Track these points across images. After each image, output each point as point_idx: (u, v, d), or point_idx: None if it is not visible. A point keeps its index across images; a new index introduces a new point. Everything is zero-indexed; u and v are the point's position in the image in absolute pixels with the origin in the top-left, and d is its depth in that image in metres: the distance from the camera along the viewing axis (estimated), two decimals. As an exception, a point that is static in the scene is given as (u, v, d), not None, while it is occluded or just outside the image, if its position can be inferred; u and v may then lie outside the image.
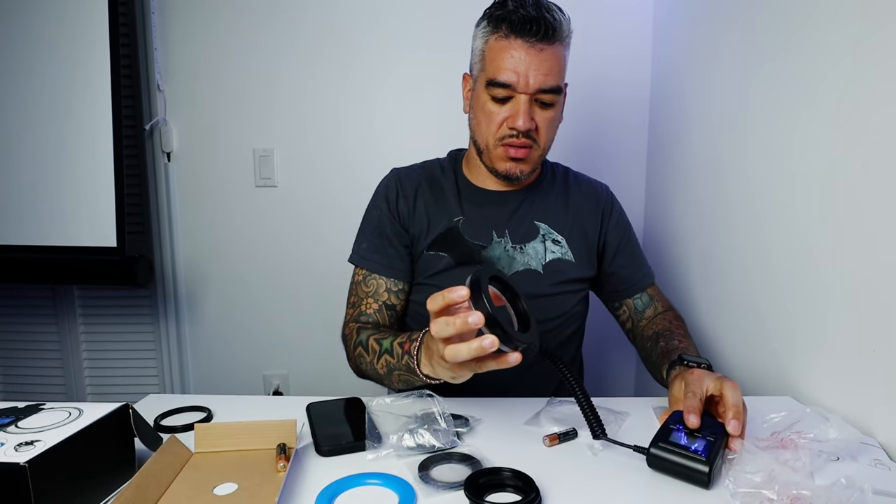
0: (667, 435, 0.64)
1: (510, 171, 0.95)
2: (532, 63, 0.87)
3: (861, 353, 0.76)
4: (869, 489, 0.53)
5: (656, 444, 0.63)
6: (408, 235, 1.01)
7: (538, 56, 0.87)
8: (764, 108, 1.01)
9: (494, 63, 0.90)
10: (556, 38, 0.88)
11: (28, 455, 0.49)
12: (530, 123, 0.90)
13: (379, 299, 0.99)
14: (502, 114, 0.91)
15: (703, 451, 0.61)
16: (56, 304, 1.87)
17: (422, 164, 1.09)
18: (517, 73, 0.88)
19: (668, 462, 0.62)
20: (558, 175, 1.09)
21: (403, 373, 0.78)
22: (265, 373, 1.87)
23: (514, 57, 0.88)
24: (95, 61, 1.54)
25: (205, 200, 1.79)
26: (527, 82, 0.88)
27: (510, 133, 0.92)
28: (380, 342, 0.85)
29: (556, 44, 0.89)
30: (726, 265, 1.16)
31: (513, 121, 0.90)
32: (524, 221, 1.02)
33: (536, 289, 0.99)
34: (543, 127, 0.93)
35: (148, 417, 0.69)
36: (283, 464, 0.61)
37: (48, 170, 1.58)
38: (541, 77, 0.88)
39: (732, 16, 1.14)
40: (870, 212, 0.74)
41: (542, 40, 0.87)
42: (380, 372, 0.85)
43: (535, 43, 0.87)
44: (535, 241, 1.01)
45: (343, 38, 1.69)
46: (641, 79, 1.66)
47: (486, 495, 0.58)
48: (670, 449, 0.62)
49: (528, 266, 1.00)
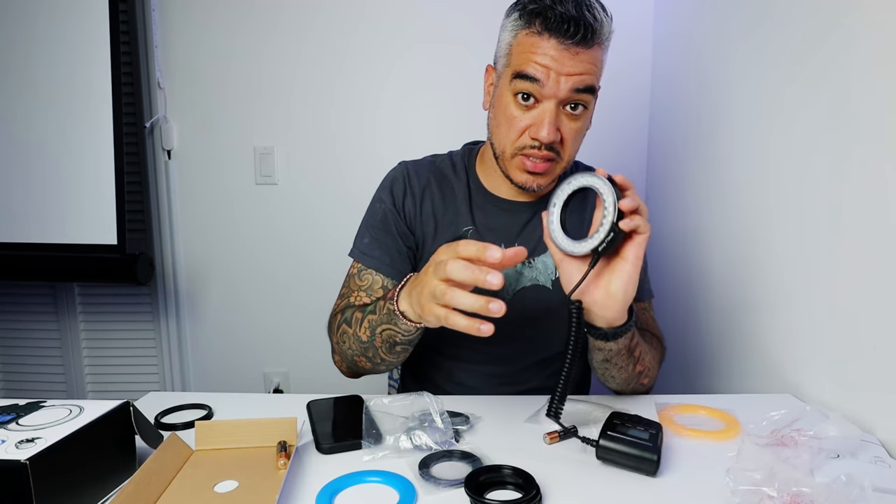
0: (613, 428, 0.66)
1: (526, 183, 0.86)
2: (565, 66, 0.77)
3: (861, 351, 0.76)
4: (869, 486, 0.53)
5: (605, 436, 0.64)
6: (413, 237, 0.96)
7: (572, 59, 0.77)
8: (764, 107, 1.01)
9: (522, 56, 0.80)
10: (594, 41, 0.78)
11: (29, 452, 0.49)
12: (555, 135, 0.80)
13: (372, 295, 0.93)
14: (525, 120, 0.82)
15: (650, 440, 0.63)
16: (56, 302, 1.87)
17: (432, 158, 1.02)
18: (547, 70, 0.77)
19: (618, 453, 0.63)
20: None
21: (385, 325, 0.76)
22: (265, 370, 1.88)
23: (546, 55, 0.77)
24: (96, 59, 1.54)
25: (205, 198, 1.79)
26: (556, 85, 0.78)
27: (532, 144, 0.82)
28: (363, 309, 0.82)
29: (594, 47, 0.78)
30: (726, 264, 1.16)
31: (536, 130, 0.80)
32: (534, 234, 0.95)
33: (544, 305, 0.94)
34: (570, 138, 0.83)
35: (148, 415, 0.69)
36: (284, 461, 0.62)
37: (49, 167, 1.58)
38: (574, 79, 0.78)
39: (732, 17, 1.14)
40: (869, 210, 0.74)
41: (580, 43, 0.76)
42: (363, 339, 0.80)
43: (570, 45, 0.76)
44: (545, 255, 0.94)
45: (344, 35, 1.68)
46: (642, 82, 1.66)
47: (487, 493, 0.58)
48: (619, 439, 0.64)
49: (536, 281, 0.94)
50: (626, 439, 0.63)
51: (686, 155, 1.40)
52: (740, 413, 0.77)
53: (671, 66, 1.52)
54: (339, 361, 0.92)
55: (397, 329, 0.74)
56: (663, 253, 1.49)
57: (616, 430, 0.65)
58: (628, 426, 0.66)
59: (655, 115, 1.64)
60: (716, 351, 1.20)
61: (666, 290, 1.14)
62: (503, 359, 0.97)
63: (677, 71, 1.47)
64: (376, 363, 0.84)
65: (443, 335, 0.97)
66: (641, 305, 0.99)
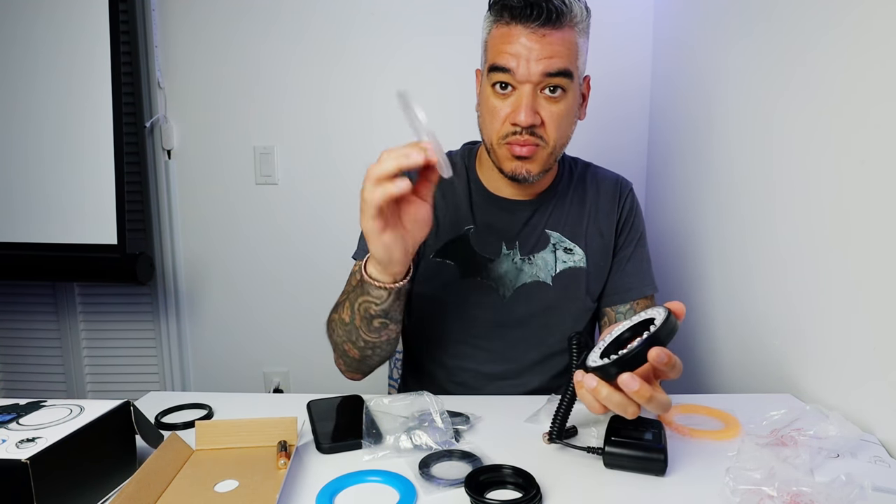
0: (617, 433, 0.65)
1: (516, 171, 0.87)
2: (534, 48, 0.80)
3: (861, 351, 0.76)
4: (869, 486, 0.53)
5: (610, 442, 0.64)
6: None
7: (541, 41, 0.80)
8: (764, 106, 1.01)
9: (495, 49, 0.83)
10: (563, 23, 0.80)
11: (30, 452, 0.49)
12: (533, 117, 0.82)
13: None
14: (505, 109, 0.84)
15: (654, 440, 0.63)
16: (57, 302, 1.87)
17: None
18: (517, 58, 0.80)
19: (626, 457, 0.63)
20: (576, 174, 1.01)
21: (360, 297, 0.76)
22: (266, 370, 1.88)
23: (515, 42, 0.81)
24: (96, 58, 1.54)
25: (205, 198, 1.79)
26: (528, 68, 0.80)
27: (513, 130, 0.83)
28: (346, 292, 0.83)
29: (564, 28, 0.80)
30: (726, 264, 1.16)
31: (514, 115, 0.82)
32: (535, 231, 0.96)
33: (545, 302, 0.95)
34: (552, 122, 0.84)
35: (149, 415, 0.69)
36: (284, 461, 0.62)
37: (49, 167, 1.59)
38: (544, 61, 0.80)
39: (732, 16, 1.14)
40: (869, 209, 0.74)
41: (546, 25, 0.79)
42: (346, 321, 0.80)
43: (537, 28, 0.79)
44: (545, 252, 0.96)
45: (343, 34, 1.68)
46: (642, 82, 1.66)
47: (487, 492, 0.58)
48: (625, 443, 0.63)
49: (537, 278, 0.95)
50: (630, 443, 0.63)
51: (686, 154, 1.40)
52: (740, 413, 0.76)
53: (671, 65, 1.52)
54: (337, 358, 0.91)
55: (371, 298, 0.75)
56: (663, 253, 1.49)
57: (619, 434, 0.64)
58: (630, 429, 0.65)
59: (655, 114, 1.65)
60: (716, 351, 1.20)
61: (665, 290, 1.14)
62: (504, 356, 0.97)
63: (677, 70, 1.47)
64: (361, 347, 0.82)
65: (444, 333, 0.98)
66: (645, 302, 0.99)
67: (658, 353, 0.56)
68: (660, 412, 0.60)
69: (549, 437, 0.69)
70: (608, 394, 0.58)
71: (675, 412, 0.78)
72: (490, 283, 0.95)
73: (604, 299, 1.00)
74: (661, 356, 0.56)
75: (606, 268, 0.99)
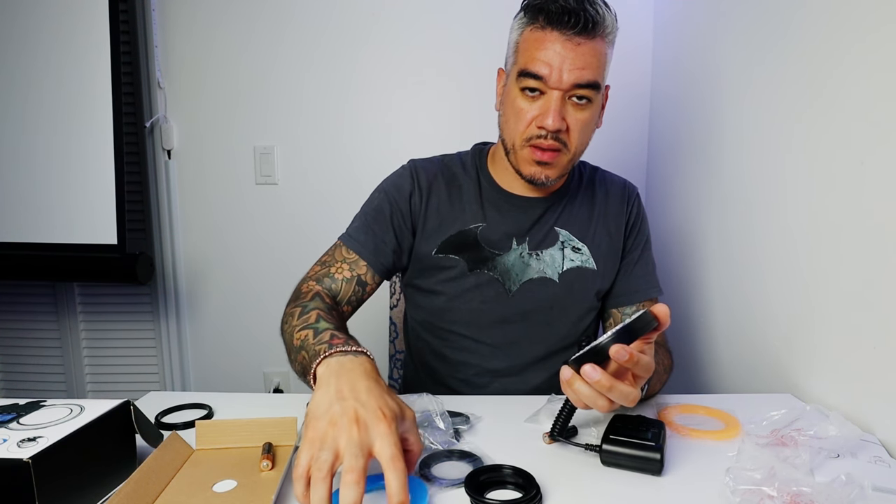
0: (616, 432, 0.65)
1: (535, 175, 0.89)
2: (568, 57, 0.81)
3: (861, 351, 0.76)
4: (869, 486, 0.53)
5: (607, 440, 0.64)
6: (412, 237, 0.97)
7: (575, 50, 0.81)
8: (764, 105, 1.01)
9: (527, 53, 0.84)
10: (596, 33, 0.81)
11: (31, 451, 0.49)
12: (560, 123, 0.83)
13: (355, 270, 0.92)
14: (532, 111, 0.85)
15: (652, 439, 0.63)
16: (57, 302, 1.87)
17: (441, 157, 1.03)
18: (550, 66, 0.81)
19: (622, 456, 0.63)
20: (585, 176, 1.03)
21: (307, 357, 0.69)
22: (266, 370, 1.87)
23: (549, 49, 0.81)
24: (96, 58, 1.54)
25: (205, 198, 1.79)
26: (560, 77, 0.81)
27: (538, 133, 0.85)
28: (319, 319, 0.75)
29: (596, 39, 0.82)
30: (725, 263, 1.16)
31: (542, 119, 0.84)
32: (545, 227, 0.97)
33: (550, 298, 0.96)
34: (576, 129, 0.85)
35: (149, 414, 0.69)
36: (268, 463, 0.61)
37: (49, 167, 1.58)
38: (576, 72, 0.81)
39: (732, 16, 1.14)
40: (869, 209, 0.74)
41: (581, 33, 0.80)
42: (293, 342, 0.75)
43: (572, 36, 0.80)
44: (553, 248, 0.96)
45: (344, 35, 1.68)
46: (642, 81, 1.66)
47: (487, 492, 0.58)
48: (622, 442, 0.63)
49: (544, 274, 0.96)
50: (628, 441, 0.63)
51: (686, 153, 1.40)
52: (740, 413, 0.77)
53: (671, 63, 1.52)
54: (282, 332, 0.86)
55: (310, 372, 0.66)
56: (663, 252, 1.49)
57: (618, 433, 0.65)
58: (630, 428, 0.66)
59: (655, 113, 1.65)
60: (716, 351, 1.20)
61: (666, 290, 1.14)
62: (507, 351, 0.98)
63: (677, 68, 1.47)
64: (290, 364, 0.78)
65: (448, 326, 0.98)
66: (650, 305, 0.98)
67: (618, 350, 0.58)
68: (625, 403, 0.61)
69: (549, 436, 0.69)
70: (579, 386, 0.61)
71: (675, 412, 0.78)
72: (496, 276, 0.96)
73: (610, 301, 1.02)
74: (620, 353, 0.58)
75: (613, 269, 1.00)
